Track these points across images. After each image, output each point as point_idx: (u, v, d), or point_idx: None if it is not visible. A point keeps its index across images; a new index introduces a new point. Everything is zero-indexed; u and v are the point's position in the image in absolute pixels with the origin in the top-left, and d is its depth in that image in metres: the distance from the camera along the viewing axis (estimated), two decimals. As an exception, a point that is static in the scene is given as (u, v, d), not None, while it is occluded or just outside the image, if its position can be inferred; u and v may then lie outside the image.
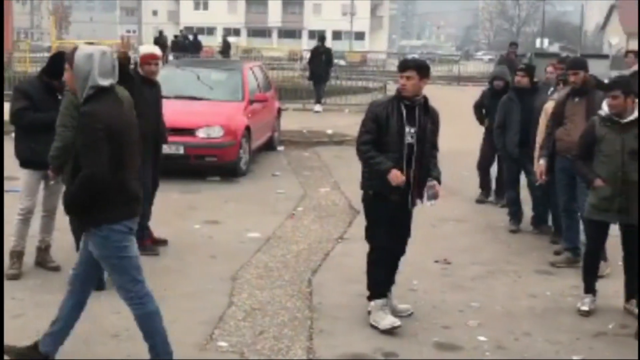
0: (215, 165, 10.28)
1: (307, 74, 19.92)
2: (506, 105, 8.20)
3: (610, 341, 5.23)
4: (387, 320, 5.22)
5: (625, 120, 5.55)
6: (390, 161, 5.10)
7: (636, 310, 5.44)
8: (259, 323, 5.34)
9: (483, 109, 9.52)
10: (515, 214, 8.36)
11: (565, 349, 5.06)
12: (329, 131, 14.96)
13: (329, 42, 40.05)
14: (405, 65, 5.24)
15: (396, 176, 5.07)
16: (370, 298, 5.40)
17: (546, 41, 60.93)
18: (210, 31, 66.48)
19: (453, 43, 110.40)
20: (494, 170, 9.52)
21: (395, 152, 5.15)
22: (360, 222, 5.59)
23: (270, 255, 6.99)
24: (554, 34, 71.06)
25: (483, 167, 9.60)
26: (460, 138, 12.63)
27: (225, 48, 29.10)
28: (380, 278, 5.41)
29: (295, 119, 16.11)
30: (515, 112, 8.10)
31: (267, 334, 5.15)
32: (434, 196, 5.29)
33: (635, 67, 11.05)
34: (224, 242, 7.35)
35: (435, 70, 42.32)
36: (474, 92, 11.48)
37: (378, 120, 5.14)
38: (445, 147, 12.29)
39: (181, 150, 9.80)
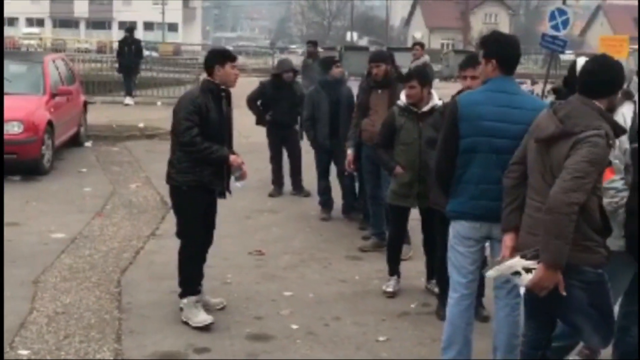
0: (14, 163, 9.62)
1: (116, 65, 19.29)
2: (314, 98, 8.36)
3: (413, 320, 5.49)
4: (200, 317, 5.16)
5: (422, 110, 5.84)
6: None
7: (436, 289, 5.74)
8: (63, 328, 5.08)
9: (258, 102, 9.51)
10: (326, 203, 8.58)
11: (371, 330, 5.25)
12: (141, 124, 14.58)
13: (140, 34, 38.74)
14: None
15: (235, 159, 5.18)
16: (183, 295, 5.30)
17: (355, 35, 63.08)
18: (12, 22, 62.40)
19: (267, 36, 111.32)
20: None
21: (219, 144, 5.16)
22: (173, 217, 5.47)
23: (76, 256, 6.67)
24: (363, 28, 73.64)
25: (276, 161, 9.63)
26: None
27: None
28: (195, 273, 5.34)
29: (104, 113, 15.56)
30: (323, 104, 8.28)
31: (72, 339, 4.91)
32: (242, 177, 5.30)
33: (424, 59, 11.70)
34: (25, 245, 6.92)
35: (251, 63, 42.83)
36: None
37: (200, 113, 5.07)
38: (258, 138, 12.41)
39: (-25, 148, 9.10)
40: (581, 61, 4.72)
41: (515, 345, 4.11)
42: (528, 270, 3.46)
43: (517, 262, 3.51)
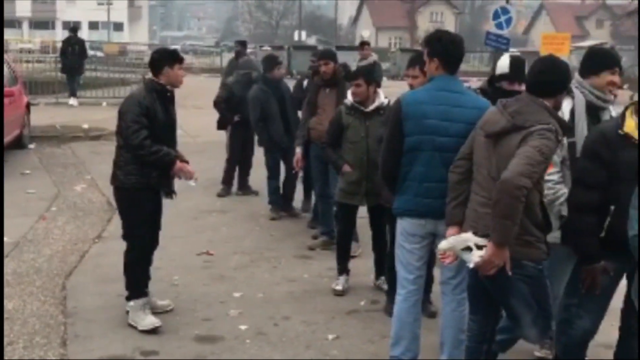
0: (-45, 166, 9.40)
1: (60, 66, 18.93)
2: (261, 98, 8.29)
3: (362, 317, 5.52)
4: (147, 321, 5.10)
5: (368, 109, 5.86)
6: None
7: (385, 286, 5.78)
8: (6, 334, 4.95)
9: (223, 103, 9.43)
10: (277, 202, 8.56)
11: (321, 329, 5.25)
12: (85, 125, 14.36)
13: (85, 33, 37.92)
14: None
15: (182, 166, 5.14)
16: (130, 298, 5.23)
17: (304, 34, 63.09)
18: (-51, 21, 60.62)
19: (215, 35, 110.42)
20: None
21: (166, 144, 5.10)
22: (119, 219, 5.39)
23: (20, 260, 6.53)
24: (311, 27, 73.67)
25: (234, 162, 9.56)
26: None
27: None
28: (141, 276, 5.28)
29: (48, 114, 15.29)
30: (272, 102, 8.27)
31: (16, 345, 4.80)
32: (189, 177, 5.27)
33: (372, 58, 11.74)
34: (-34, 250, 6.74)
35: (198, 62, 42.43)
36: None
37: (148, 114, 5.00)
38: (206, 137, 12.31)
39: None
40: (504, 59, 4.83)
41: (462, 340, 4.16)
42: (479, 247, 3.54)
43: (470, 237, 3.60)
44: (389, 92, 6.20)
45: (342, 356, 4.84)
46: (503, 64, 4.82)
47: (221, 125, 9.59)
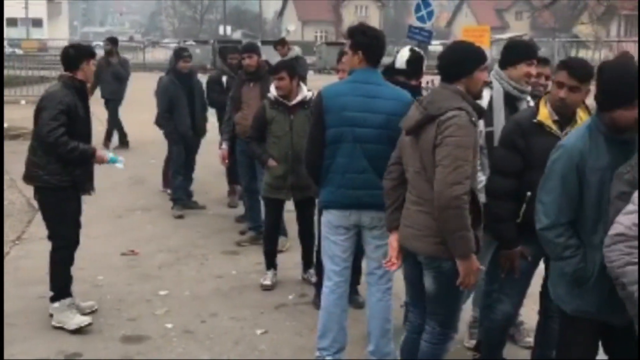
0: None
1: (-25, 64, 18.29)
2: (170, 88, 8.27)
3: (290, 311, 5.52)
4: (76, 320, 5.02)
5: (292, 102, 5.86)
6: None
7: (313, 279, 5.79)
8: None
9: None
10: (181, 199, 8.48)
11: (249, 324, 5.23)
12: (4, 125, 13.87)
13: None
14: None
15: (102, 156, 5.08)
16: (55, 299, 5.11)
17: (229, 28, 62.59)
18: None
19: (138, 30, 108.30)
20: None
21: (85, 140, 5.04)
22: (40, 220, 5.25)
23: None
24: (236, 22, 73.14)
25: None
26: (145, 125, 12.46)
27: None
28: (67, 276, 5.17)
29: (-37, 114, 14.69)
30: (181, 95, 8.26)
31: None
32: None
33: (293, 52, 11.74)
34: None
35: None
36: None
37: (69, 112, 4.88)
38: (131, 135, 12.03)
39: None
40: (403, 55, 4.97)
41: (388, 330, 4.21)
42: None
43: None
44: (315, 86, 6.19)
45: (270, 350, 4.84)
46: (401, 59, 4.91)
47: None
